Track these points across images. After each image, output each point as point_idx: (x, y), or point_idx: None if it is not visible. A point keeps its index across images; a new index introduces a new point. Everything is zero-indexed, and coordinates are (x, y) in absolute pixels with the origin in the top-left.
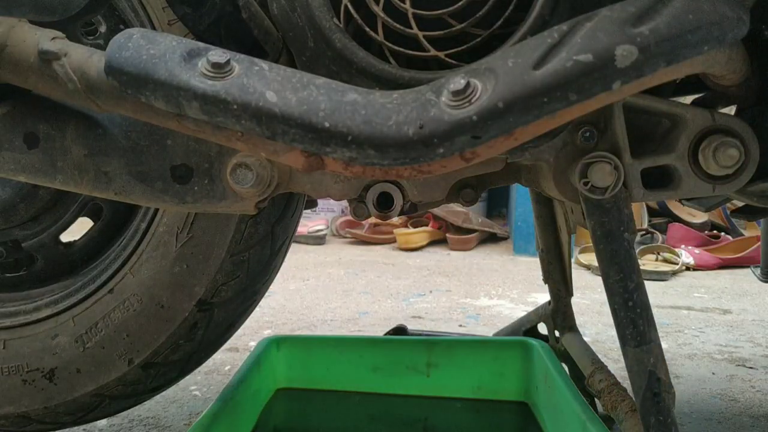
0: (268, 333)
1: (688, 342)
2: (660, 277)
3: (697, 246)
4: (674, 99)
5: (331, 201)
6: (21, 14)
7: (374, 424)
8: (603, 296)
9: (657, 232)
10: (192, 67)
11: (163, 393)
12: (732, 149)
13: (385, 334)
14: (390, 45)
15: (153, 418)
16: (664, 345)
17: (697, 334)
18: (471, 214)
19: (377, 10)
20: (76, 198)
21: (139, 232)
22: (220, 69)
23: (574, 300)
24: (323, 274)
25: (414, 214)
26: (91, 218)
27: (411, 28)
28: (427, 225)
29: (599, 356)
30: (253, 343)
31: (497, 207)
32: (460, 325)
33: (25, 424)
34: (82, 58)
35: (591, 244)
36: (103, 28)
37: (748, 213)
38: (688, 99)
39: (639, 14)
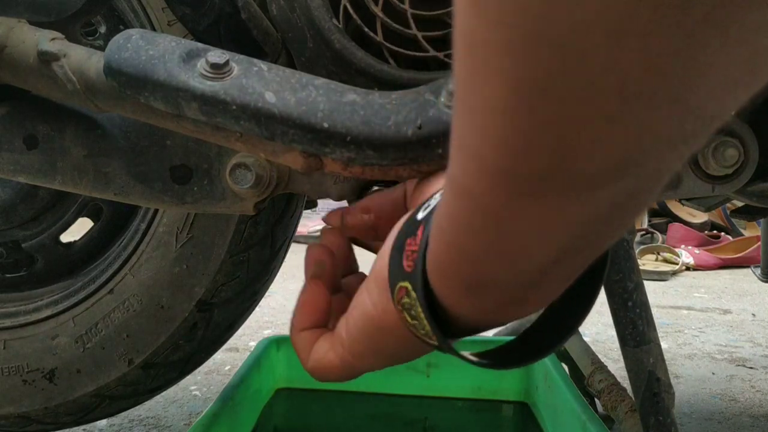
0: (268, 333)
1: (688, 342)
2: (660, 277)
3: (697, 246)
4: None
5: (331, 201)
6: (16, 14)
7: (374, 424)
8: (603, 296)
9: (657, 232)
10: (191, 68)
11: (163, 393)
12: (731, 149)
13: None
14: (389, 45)
15: (153, 418)
16: (664, 345)
17: (697, 334)
18: None
19: (376, 10)
20: (76, 198)
21: (139, 232)
22: (219, 69)
23: None
24: None
25: None
26: (91, 218)
27: (410, 28)
28: None
29: (599, 356)
30: (253, 343)
31: None
32: None
33: (25, 424)
34: (82, 59)
35: None
36: (102, 29)
37: (748, 213)
38: None
39: None
